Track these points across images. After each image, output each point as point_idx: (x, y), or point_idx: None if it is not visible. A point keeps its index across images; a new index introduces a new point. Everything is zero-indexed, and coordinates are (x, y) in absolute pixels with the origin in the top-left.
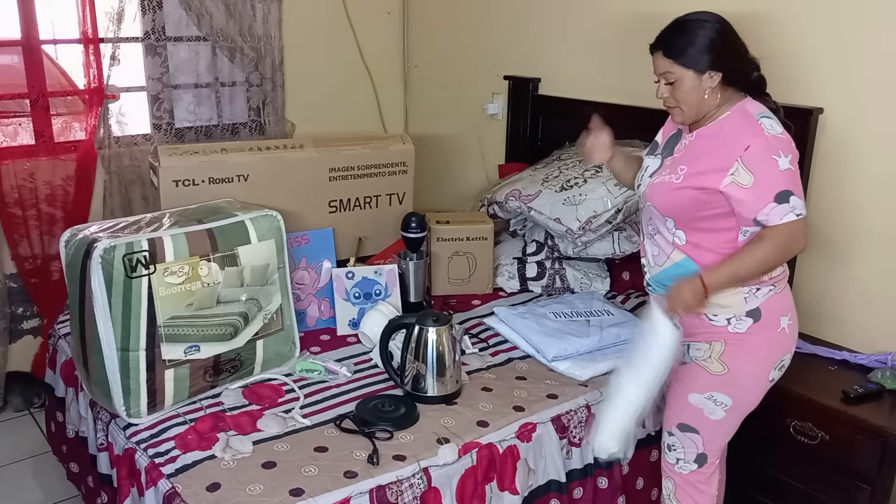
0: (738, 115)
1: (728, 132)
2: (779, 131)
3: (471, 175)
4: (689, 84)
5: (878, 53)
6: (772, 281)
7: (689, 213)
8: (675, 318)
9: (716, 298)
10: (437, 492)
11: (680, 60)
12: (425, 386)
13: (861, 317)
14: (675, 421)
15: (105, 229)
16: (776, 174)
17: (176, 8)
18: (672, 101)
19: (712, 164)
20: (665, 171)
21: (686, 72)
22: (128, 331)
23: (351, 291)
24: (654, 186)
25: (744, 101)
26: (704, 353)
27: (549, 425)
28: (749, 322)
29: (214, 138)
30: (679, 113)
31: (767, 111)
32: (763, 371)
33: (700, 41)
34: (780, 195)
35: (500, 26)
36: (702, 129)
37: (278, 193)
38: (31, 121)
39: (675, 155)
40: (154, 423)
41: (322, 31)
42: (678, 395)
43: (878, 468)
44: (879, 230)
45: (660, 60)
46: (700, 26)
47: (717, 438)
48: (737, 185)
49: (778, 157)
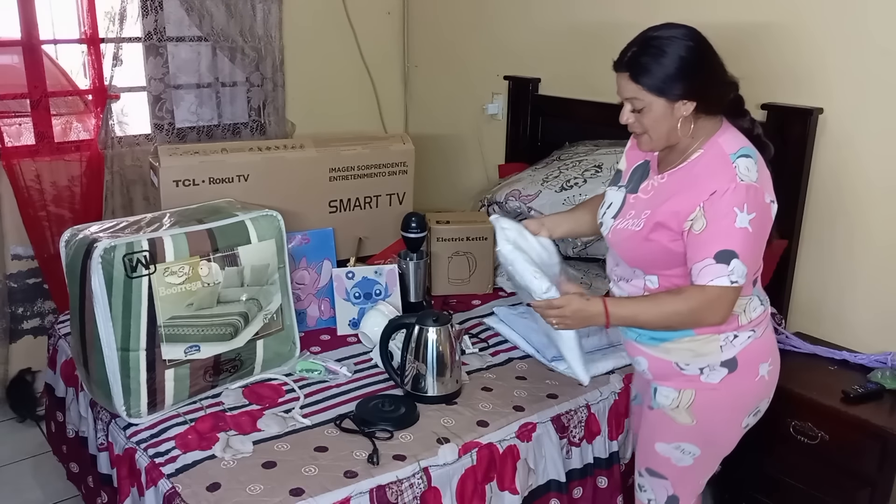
0: (712, 154)
1: (698, 174)
2: (753, 178)
3: (471, 175)
4: (659, 112)
5: (878, 53)
6: (751, 325)
7: (660, 264)
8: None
9: (688, 345)
10: (437, 492)
11: (649, 86)
12: (425, 386)
13: (861, 317)
14: (644, 465)
15: (105, 229)
16: (729, 229)
17: (176, 8)
18: (639, 128)
19: (677, 208)
20: (628, 213)
21: (656, 99)
22: (128, 331)
23: (351, 291)
24: (617, 232)
25: (718, 133)
26: (672, 401)
27: (548, 425)
28: (724, 372)
29: (215, 138)
30: (647, 141)
31: (745, 146)
32: (736, 420)
33: (673, 64)
34: (722, 254)
35: (500, 26)
36: (673, 172)
37: (278, 193)
38: (31, 121)
39: (641, 195)
40: (154, 423)
41: (322, 31)
42: (645, 440)
43: (878, 468)
44: (879, 230)
45: (625, 83)
46: (673, 45)
47: (688, 483)
48: (692, 231)
49: (740, 210)
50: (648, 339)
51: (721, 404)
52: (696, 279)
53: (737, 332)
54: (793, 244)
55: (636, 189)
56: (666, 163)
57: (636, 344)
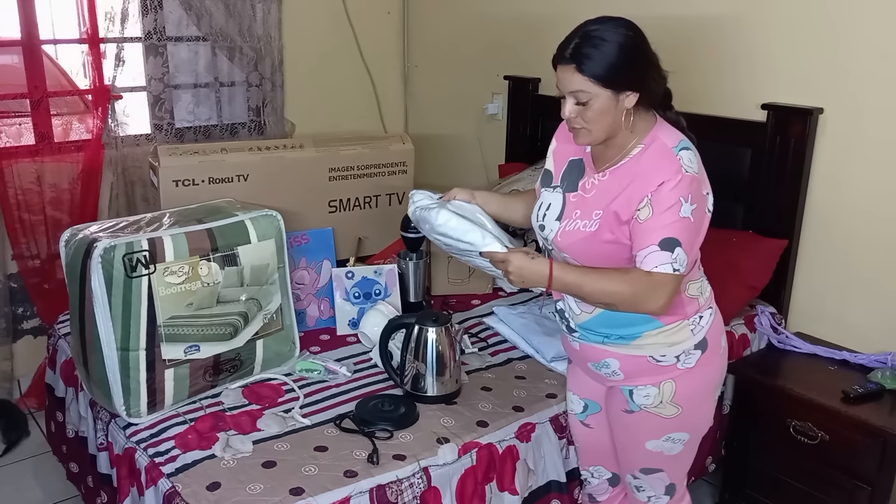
0: (655, 148)
1: (644, 168)
2: (695, 169)
3: (471, 175)
4: (604, 105)
5: (878, 54)
6: (708, 303)
7: (614, 262)
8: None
9: (659, 337)
10: (437, 491)
11: (596, 77)
12: (425, 386)
13: (861, 317)
14: (637, 467)
15: (105, 229)
16: (673, 219)
17: (176, 8)
18: (579, 123)
19: (625, 201)
20: (574, 213)
21: (602, 91)
22: (128, 330)
23: (351, 291)
24: (567, 234)
25: (656, 128)
26: (654, 399)
27: (547, 425)
28: (697, 354)
29: (214, 138)
30: (586, 135)
31: (684, 140)
32: (713, 395)
33: (618, 56)
34: (666, 242)
35: (500, 26)
36: (615, 169)
37: (278, 193)
38: (31, 121)
39: (584, 194)
40: (154, 423)
41: (322, 31)
42: (632, 444)
43: (878, 468)
44: (879, 230)
45: (570, 76)
46: (617, 36)
47: (682, 467)
48: (637, 220)
49: (685, 201)
50: (617, 338)
51: (700, 385)
52: (640, 265)
53: (701, 314)
54: (793, 244)
55: (574, 188)
56: (603, 160)
57: (604, 347)
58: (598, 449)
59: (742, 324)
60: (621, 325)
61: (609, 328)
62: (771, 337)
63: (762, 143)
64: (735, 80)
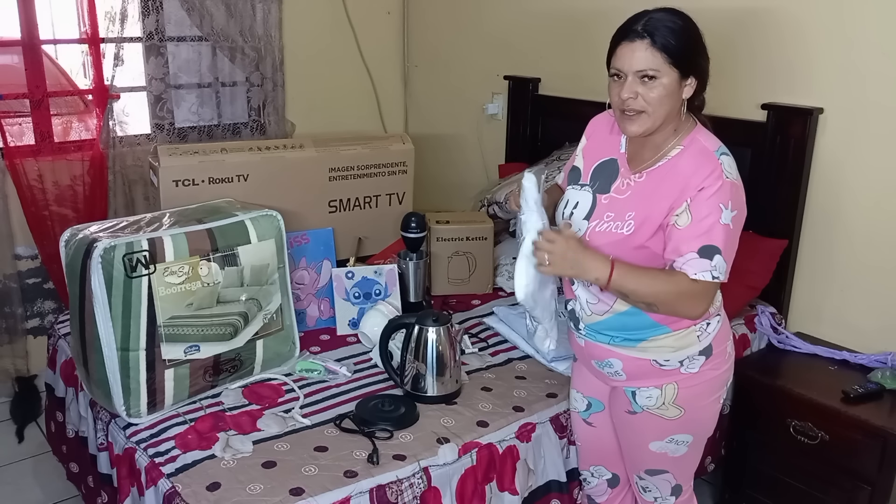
0: (695, 150)
1: (683, 170)
2: (735, 175)
3: (471, 175)
4: (669, 86)
5: (878, 53)
6: (716, 311)
7: (646, 265)
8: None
9: (666, 341)
10: (437, 491)
11: (669, 54)
12: (425, 386)
13: (861, 317)
14: (642, 468)
15: (105, 229)
16: (714, 226)
17: (177, 9)
18: (640, 105)
19: (662, 205)
20: (606, 215)
21: (672, 71)
22: (128, 330)
23: (351, 291)
24: (598, 235)
25: (696, 130)
26: (656, 400)
27: (547, 425)
28: (701, 360)
29: (215, 138)
30: (644, 119)
31: (722, 145)
32: (717, 399)
33: (690, 39)
34: (706, 249)
35: (500, 26)
36: (653, 170)
37: (278, 193)
38: (31, 120)
39: (617, 196)
40: (154, 423)
41: (322, 31)
42: (637, 445)
43: (878, 468)
44: (879, 230)
45: (640, 52)
46: (688, 22)
47: (688, 469)
48: (675, 226)
49: (725, 207)
50: (623, 340)
51: (703, 390)
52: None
53: (709, 321)
54: (793, 244)
55: (607, 189)
56: (639, 160)
57: (609, 347)
58: (599, 448)
59: (742, 324)
60: (631, 329)
61: (618, 331)
62: (771, 337)
63: (762, 143)
64: (735, 79)
